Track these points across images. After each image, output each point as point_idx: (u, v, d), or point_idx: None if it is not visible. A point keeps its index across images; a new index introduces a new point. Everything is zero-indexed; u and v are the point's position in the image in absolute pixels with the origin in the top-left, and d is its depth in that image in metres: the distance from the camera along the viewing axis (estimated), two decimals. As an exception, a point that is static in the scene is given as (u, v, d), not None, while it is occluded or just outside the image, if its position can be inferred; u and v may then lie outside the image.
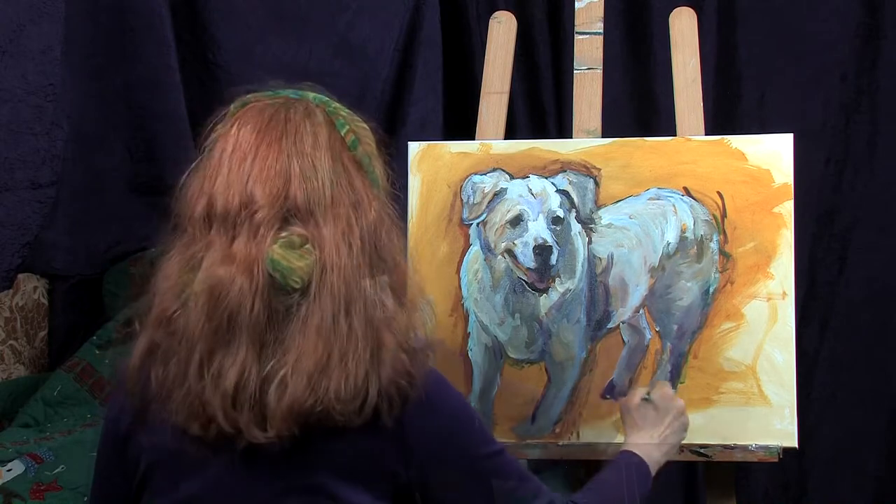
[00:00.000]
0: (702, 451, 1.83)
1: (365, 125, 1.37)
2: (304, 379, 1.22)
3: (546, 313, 1.90)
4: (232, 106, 1.37)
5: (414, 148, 2.00)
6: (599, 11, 2.06)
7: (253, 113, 1.32)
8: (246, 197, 1.26)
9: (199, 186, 1.31)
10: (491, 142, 1.99)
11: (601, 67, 2.03)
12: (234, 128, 1.32)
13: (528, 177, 1.94)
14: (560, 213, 1.91)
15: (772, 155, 1.88)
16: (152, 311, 1.31)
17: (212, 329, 1.24)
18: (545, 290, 1.91)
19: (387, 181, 1.38)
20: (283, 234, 1.25)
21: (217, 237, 1.27)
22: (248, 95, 1.37)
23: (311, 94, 1.36)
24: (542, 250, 1.89)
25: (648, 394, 1.66)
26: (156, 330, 1.29)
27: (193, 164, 1.34)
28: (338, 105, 1.36)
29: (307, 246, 1.25)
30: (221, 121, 1.35)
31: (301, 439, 1.25)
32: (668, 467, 1.70)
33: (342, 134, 1.32)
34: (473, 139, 2.03)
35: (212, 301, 1.24)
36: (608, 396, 1.88)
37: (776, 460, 1.81)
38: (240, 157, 1.29)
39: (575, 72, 2.03)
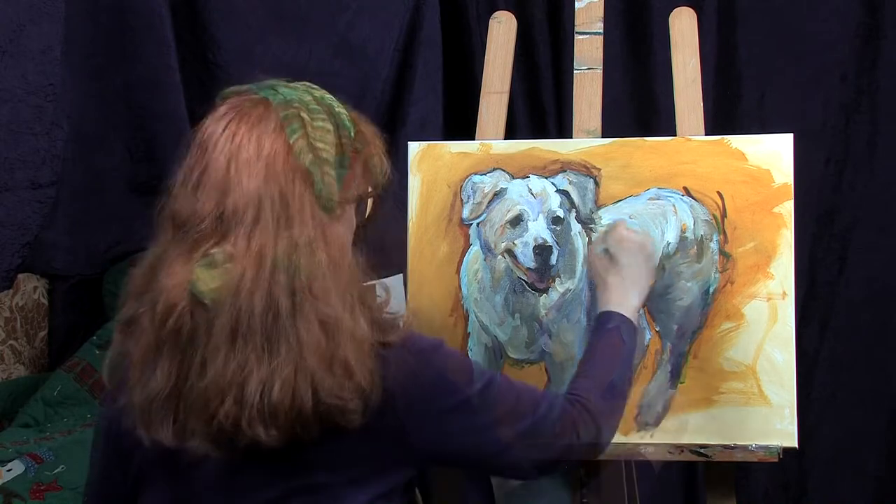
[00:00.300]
0: (702, 451, 1.83)
1: (327, 124, 1.33)
2: (215, 399, 1.24)
3: (546, 313, 1.90)
4: (217, 97, 1.38)
5: (414, 148, 2.00)
6: (599, 11, 2.05)
7: (219, 115, 1.33)
8: (192, 210, 1.28)
9: (172, 185, 1.33)
10: (491, 142, 1.99)
11: (601, 67, 2.03)
12: (204, 128, 1.33)
13: (528, 177, 1.94)
14: (560, 213, 1.91)
15: (772, 155, 1.88)
16: (118, 316, 1.34)
17: (153, 339, 1.27)
18: (545, 290, 1.91)
19: (359, 185, 1.36)
20: (212, 251, 1.26)
21: (172, 244, 1.30)
22: (229, 89, 1.38)
23: (279, 93, 1.34)
24: (542, 250, 1.89)
25: (602, 245, 1.67)
26: (121, 332, 1.33)
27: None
28: (301, 104, 1.33)
29: (228, 265, 1.25)
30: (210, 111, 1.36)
31: (292, 442, 1.26)
32: (669, 467, 1.70)
33: (291, 141, 1.30)
34: (473, 139, 2.03)
35: (154, 313, 1.27)
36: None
37: (776, 460, 1.81)
38: (198, 163, 1.30)
39: (575, 72, 2.03)
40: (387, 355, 1.29)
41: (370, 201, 1.42)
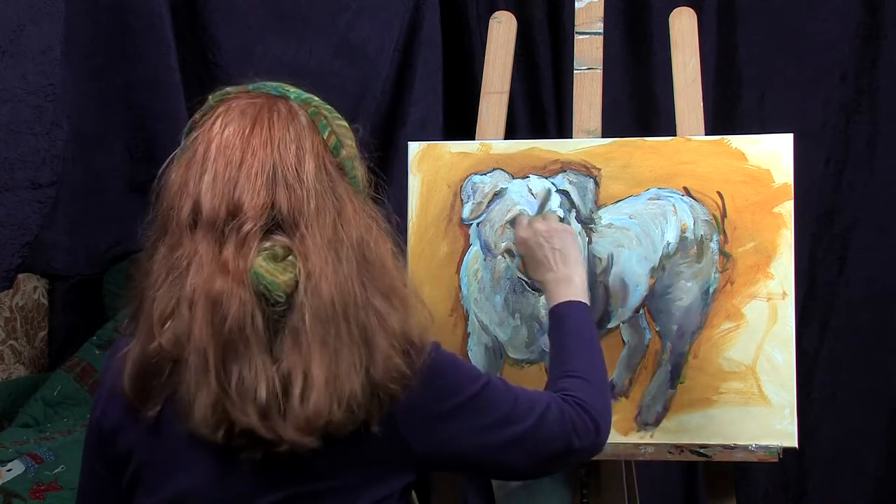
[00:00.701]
0: (702, 451, 1.83)
1: (345, 124, 1.36)
2: (316, 389, 1.23)
3: (546, 313, 1.90)
4: (210, 97, 1.36)
5: (414, 148, 2.00)
6: (599, 11, 2.06)
7: (235, 113, 1.31)
8: (233, 206, 1.26)
9: (184, 185, 1.30)
10: (491, 142, 1.99)
11: (601, 67, 2.03)
12: (217, 126, 1.31)
13: (528, 177, 1.94)
14: (560, 213, 1.91)
15: (772, 155, 1.88)
16: (143, 317, 1.29)
17: (221, 341, 1.24)
18: (545, 290, 1.90)
19: (367, 182, 1.37)
20: (267, 244, 1.25)
21: (204, 243, 1.26)
22: (228, 88, 1.36)
23: (293, 92, 1.34)
24: (542, 250, 1.89)
25: (514, 256, 1.71)
26: (149, 336, 1.28)
27: (172, 155, 1.34)
28: (319, 103, 1.35)
29: (290, 257, 1.25)
30: (201, 112, 1.36)
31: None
32: (669, 467, 1.70)
33: (324, 137, 1.31)
34: (473, 139, 2.03)
35: (215, 314, 1.24)
36: (608, 396, 1.87)
37: (776, 460, 1.81)
38: (224, 161, 1.28)
39: (575, 72, 2.03)
40: (410, 364, 1.30)
41: None
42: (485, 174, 1.96)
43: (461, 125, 3.10)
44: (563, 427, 1.39)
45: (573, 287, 1.61)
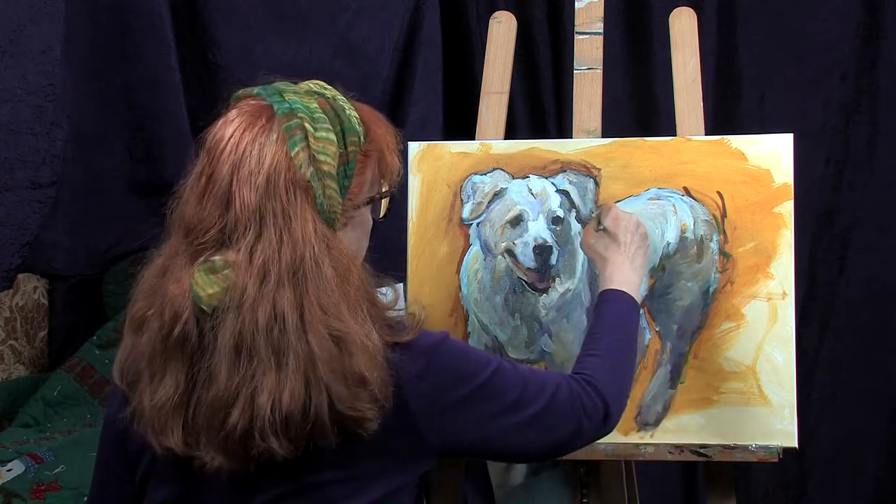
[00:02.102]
0: (702, 451, 1.83)
1: (331, 135, 1.33)
2: (223, 409, 1.24)
3: (546, 313, 1.90)
4: (231, 98, 1.38)
5: (414, 148, 2.00)
6: (599, 11, 2.05)
7: (228, 120, 1.32)
8: (198, 217, 1.29)
9: (183, 186, 1.33)
10: (491, 142, 1.99)
11: (601, 67, 2.03)
12: (214, 131, 1.33)
13: (528, 177, 1.94)
14: (560, 213, 1.91)
15: (772, 155, 1.88)
16: (128, 315, 1.34)
17: (161, 347, 1.28)
18: (545, 290, 1.91)
19: (342, 196, 1.33)
20: (213, 258, 1.27)
21: (181, 249, 1.30)
22: (241, 91, 1.37)
23: (285, 101, 1.33)
24: (542, 250, 1.89)
25: (599, 224, 1.69)
26: (129, 333, 1.33)
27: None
28: (305, 113, 1.32)
29: (226, 271, 1.25)
30: (223, 110, 1.36)
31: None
32: (669, 467, 1.70)
33: (292, 154, 1.29)
34: (473, 139, 2.03)
35: (162, 322, 1.27)
36: (608, 396, 1.87)
37: (776, 460, 1.81)
38: (206, 171, 1.30)
39: (575, 72, 2.03)
40: (397, 356, 1.30)
41: (385, 200, 1.42)
42: (485, 174, 1.96)
43: (461, 125, 3.10)
44: (574, 406, 1.39)
45: (630, 281, 1.60)
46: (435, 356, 1.32)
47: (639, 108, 3.16)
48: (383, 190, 1.41)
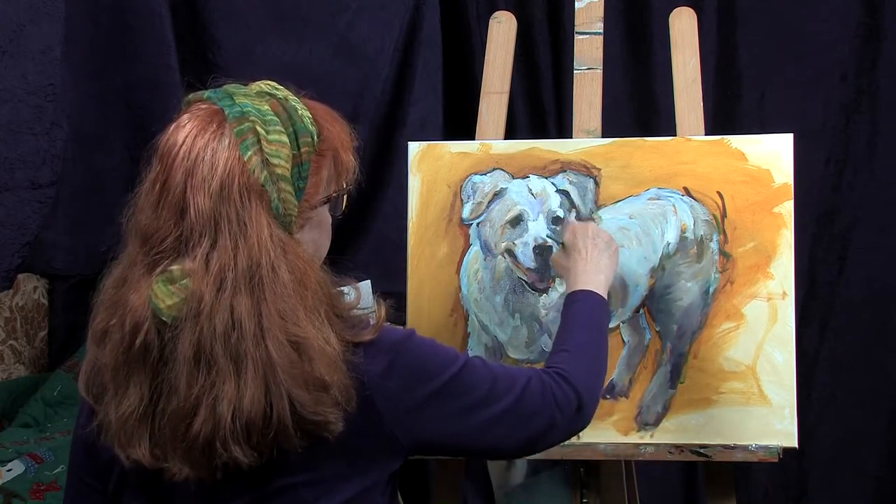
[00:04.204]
0: (702, 451, 1.83)
1: (283, 137, 1.30)
2: (186, 419, 1.23)
3: (546, 313, 1.90)
4: (182, 102, 1.36)
5: (414, 148, 2.00)
6: (599, 11, 2.06)
7: (181, 124, 1.31)
8: (154, 226, 1.28)
9: (137, 198, 1.32)
10: (491, 142, 1.99)
11: (601, 67, 2.03)
12: (166, 136, 1.32)
13: (528, 177, 1.94)
14: (560, 213, 1.91)
15: (772, 155, 1.88)
16: (90, 328, 1.33)
17: (123, 358, 1.27)
18: (545, 290, 1.91)
19: (297, 199, 1.32)
20: (171, 267, 1.26)
21: (139, 259, 1.29)
22: (192, 95, 1.36)
23: (236, 105, 1.31)
24: (542, 250, 1.89)
25: (560, 242, 1.71)
26: (94, 344, 1.31)
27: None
28: (257, 116, 1.30)
29: (184, 281, 1.25)
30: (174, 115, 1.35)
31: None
32: (669, 467, 1.70)
33: (245, 158, 1.28)
34: (473, 139, 2.03)
35: (123, 333, 1.27)
36: (608, 397, 1.88)
37: (776, 460, 1.81)
38: (160, 178, 1.29)
39: (575, 72, 2.03)
40: (361, 355, 1.29)
41: (343, 197, 1.41)
42: (485, 174, 1.96)
43: (461, 125, 3.10)
44: (545, 400, 1.39)
45: (594, 280, 1.61)
46: (399, 354, 1.32)
47: (639, 108, 3.16)
48: (341, 188, 1.39)
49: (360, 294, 1.38)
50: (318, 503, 1.30)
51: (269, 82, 1.38)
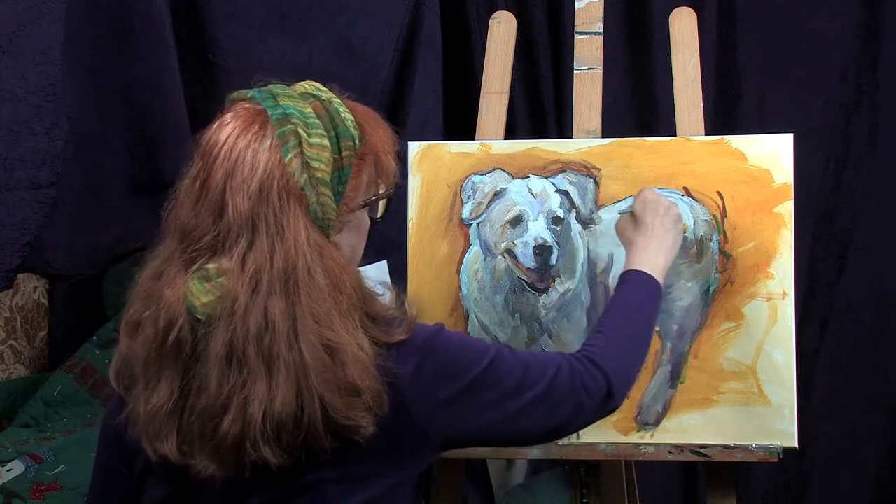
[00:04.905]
0: (702, 451, 1.83)
1: (324, 141, 1.31)
2: (216, 417, 1.24)
3: (546, 313, 1.90)
4: (226, 99, 1.37)
5: (414, 148, 2.00)
6: (599, 11, 2.06)
7: (220, 124, 1.32)
8: (193, 223, 1.28)
9: (177, 192, 1.32)
10: (491, 142, 1.99)
11: (601, 67, 2.03)
12: (208, 134, 1.32)
13: (528, 177, 1.94)
14: (560, 213, 1.91)
15: (772, 155, 1.88)
16: (124, 318, 1.33)
17: (156, 353, 1.27)
18: (545, 290, 1.91)
19: (336, 203, 1.33)
20: (207, 265, 1.26)
21: (176, 255, 1.29)
22: (236, 93, 1.37)
23: (279, 106, 1.32)
24: (542, 250, 1.89)
25: (628, 207, 1.69)
26: (125, 336, 1.32)
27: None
28: (299, 119, 1.31)
29: (220, 279, 1.25)
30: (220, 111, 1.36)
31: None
32: (668, 467, 1.70)
33: (286, 160, 1.28)
34: (473, 139, 2.03)
35: (156, 329, 1.27)
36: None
37: (776, 460, 1.81)
38: (200, 176, 1.30)
39: (575, 72, 2.03)
40: (393, 357, 1.29)
41: (384, 201, 1.41)
42: (485, 174, 1.96)
43: (461, 125, 3.10)
44: (574, 386, 1.39)
45: (653, 262, 1.60)
46: (428, 352, 1.32)
47: (639, 108, 3.16)
48: (380, 192, 1.39)
49: (393, 291, 1.37)
50: (344, 500, 1.30)
51: (313, 83, 1.39)
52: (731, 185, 1.88)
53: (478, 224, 1.94)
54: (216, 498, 1.32)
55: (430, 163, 1.98)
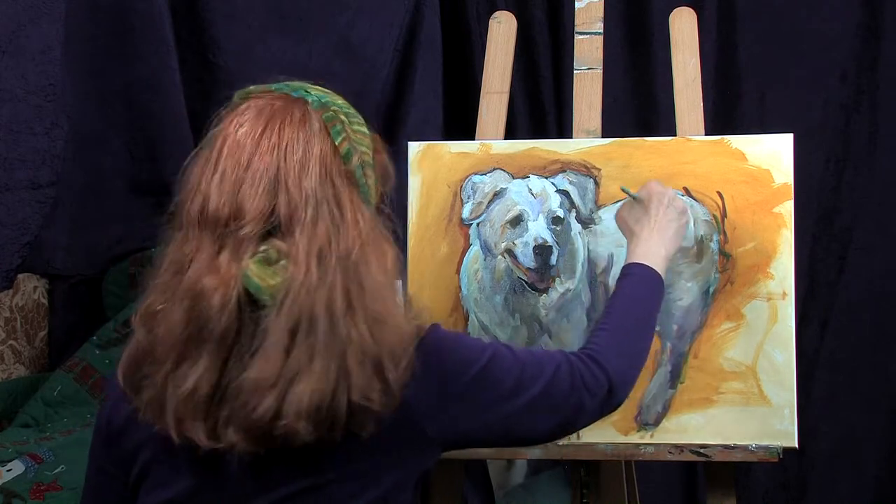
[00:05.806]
0: (702, 451, 1.83)
1: (363, 128, 1.37)
2: (261, 394, 1.23)
3: (546, 313, 1.90)
4: (235, 96, 1.37)
5: (414, 148, 2.00)
6: (599, 11, 2.06)
7: (252, 113, 1.32)
8: (235, 208, 1.27)
9: (197, 182, 1.31)
10: (491, 142, 1.99)
11: (601, 67, 2.03)
12: (233, 125, 1.32)
13: (528, 177, 1.94)
14: (560, 213, 1.91)
15: (772, 155, 1.88)
16: (139, 308, 1.32)
17: (185, 336, 1.26)
18: (545, 290, 1.91)
19: (380, 188, 1.38)
20: (263, 248, 1.26)
21: (206, 242, 1.28)
22: (251, 87, 1.37)
23: (313, 94, 1.35)
24: (542, 250, 1.89)
25: (633, 194, 1.68)
26: (140, 327, 1.31)
27: (194, 152, 1.34)
28: (337, 107, 1.35)
29: (283, 262, 1.26)
30: (226, 109, 1.36)
31: (314, 444, 1.26)
32: (668, 467, 1.70)
33: (336, 143, 1.32)
34: (473, 139, 2.03)
35: (192, 311, 1.26)
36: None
37: (776, 460, 1.81)
38: (233, 162, 1.29)
39: (575, 72, 2.03)
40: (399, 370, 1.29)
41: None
42: (485, 174, 1.96)
43: (461, 125, 3.10)
44: (574, 385, 1.38)
45: (655, 254, 1.60)
46: (427, 353, 1.32)
47: (639, 108, 3.16)
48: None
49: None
50: (349, 501, 1.30)
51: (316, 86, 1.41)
52: (731, 185, 1.88)
53: (478, 224, 1.94)
54: (222, 499, 1.32)
55: (430, 163, 1.98)
